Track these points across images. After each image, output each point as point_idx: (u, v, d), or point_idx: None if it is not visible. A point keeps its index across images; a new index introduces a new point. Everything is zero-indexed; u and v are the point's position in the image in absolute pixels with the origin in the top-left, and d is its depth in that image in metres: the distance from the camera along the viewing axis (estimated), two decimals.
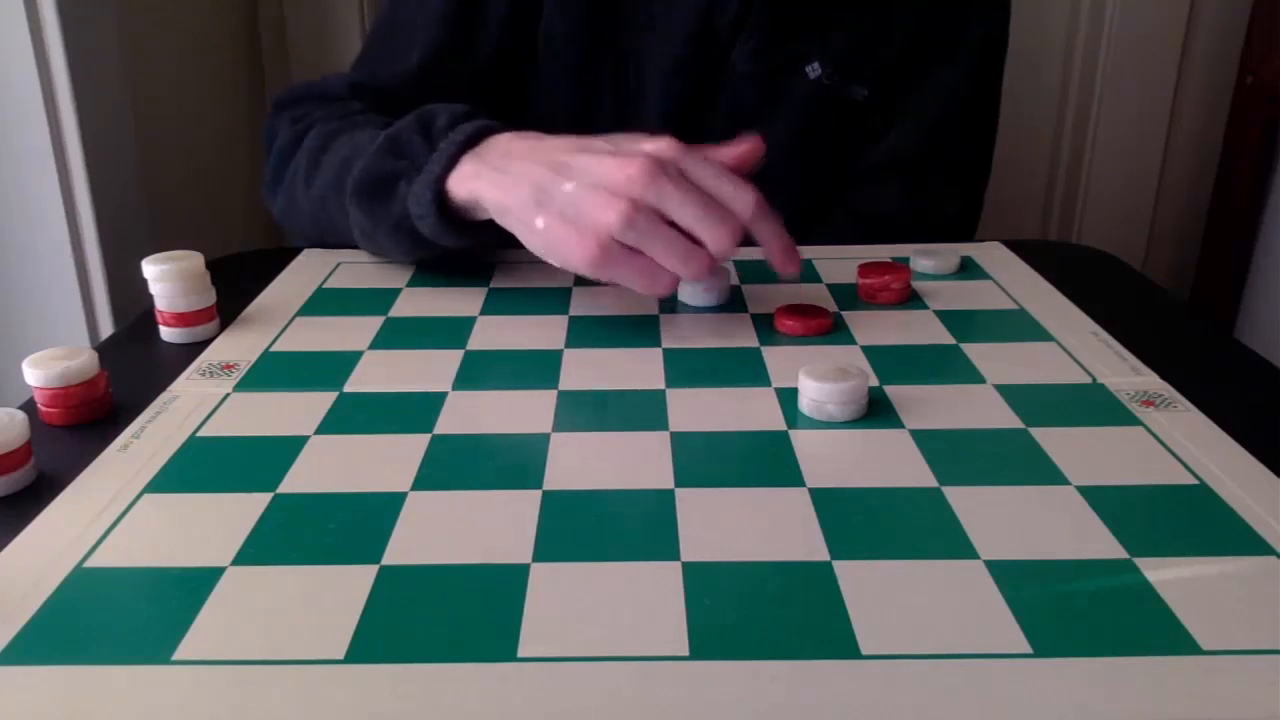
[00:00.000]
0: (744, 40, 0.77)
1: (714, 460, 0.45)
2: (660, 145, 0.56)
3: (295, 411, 0.50)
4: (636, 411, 0.49)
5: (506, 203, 0.57)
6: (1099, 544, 0.39)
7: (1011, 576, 0.36)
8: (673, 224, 0.54)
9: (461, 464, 0.45)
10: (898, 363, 0.55)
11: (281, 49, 1.22)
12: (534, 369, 0.54)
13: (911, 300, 0.64)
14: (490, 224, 0.60)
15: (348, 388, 0.52)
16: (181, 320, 0.59)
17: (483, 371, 0.54)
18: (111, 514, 0.41)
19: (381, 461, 0.45)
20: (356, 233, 0.67)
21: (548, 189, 0.56)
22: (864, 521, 0.40)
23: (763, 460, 0.45)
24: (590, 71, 0.80)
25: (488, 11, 0.78)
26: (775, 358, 0.56)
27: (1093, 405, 0.50)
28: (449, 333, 0.59)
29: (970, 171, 0.86)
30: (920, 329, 0.60)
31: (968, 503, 0.41)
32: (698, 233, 0.55)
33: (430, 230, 0.61)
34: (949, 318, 0.61)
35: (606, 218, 0.54)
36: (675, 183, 0.54)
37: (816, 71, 0.75)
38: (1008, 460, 0.45)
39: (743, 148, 0.58)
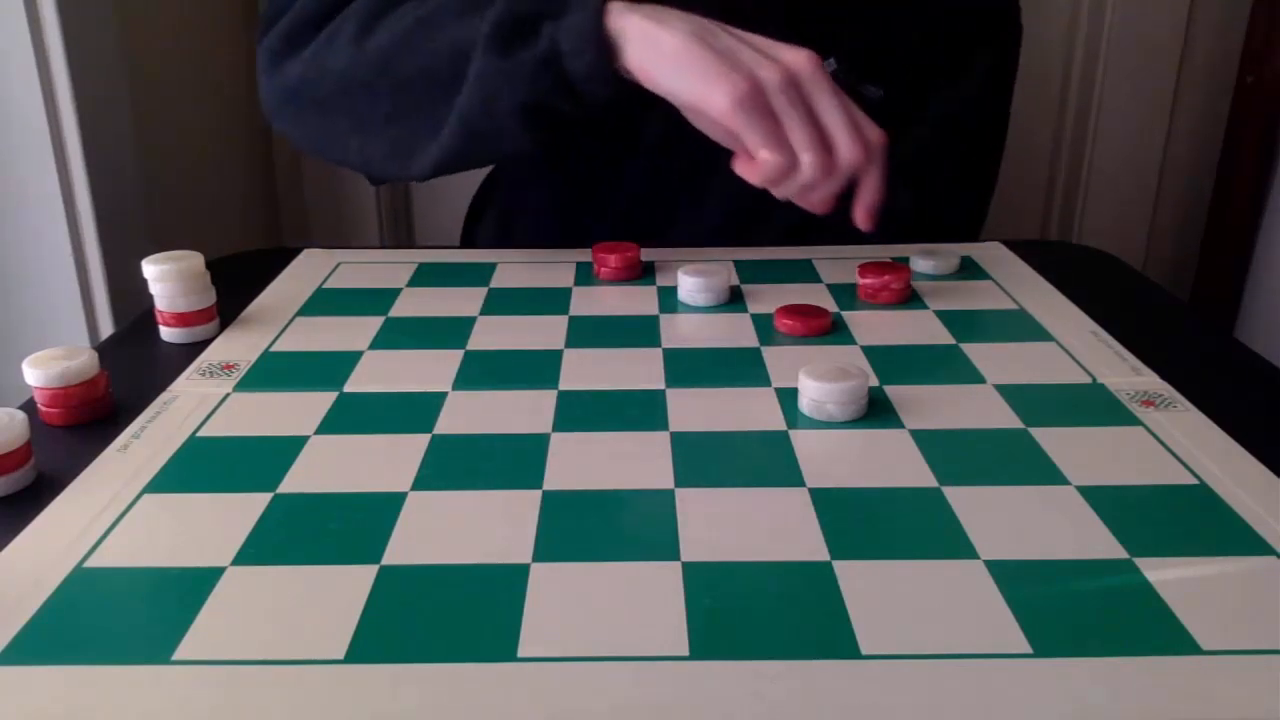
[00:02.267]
0: (761, 30, 0.77)
1: (714, 460, 0.45)
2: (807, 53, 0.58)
3: (295, 411, 0.50)
4: (636, 411, 0.49)
5: (664, 34, 0.58)
6: (1099, 544, 0.38)
7: (1011, 576, 0.36)
8: None
9: (461, 464, 0.45)
10: (898, 363, 0.55)
11: None
12: (534, 369, 0.54)
13: (911, 300, 0.64)
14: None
15: (348, 388, 0.52)
16: (181, 320, 0.59)
17: (483, 371, 0.54)
18: (111, 514, 0.41)
19: (381, 461, 0.45)
20: (471, 92, 0.62)
21: (712, 31, 0.58)
22: (864, 521, 0.40)
23: (763, 460, 0.45)
24: None
25: None
26: (775, 358, 0.56)
27: (1093, 405, 0.50)
28: (449, 333, 0.59)
29: (976, 183, 0.86)
30: (920, 329, 0.60)
31: (968, 503, 0.41)
32: (836, 136, 0.58)
33: (584, 67, 0.59)
34: (949, 318, 0.61)
35: (765, 71, 0.56)
36: (829, 82, 0.58)
37: (832, 67, 0.75)
38: (1008, 460, 0.45)
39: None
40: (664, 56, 0.58)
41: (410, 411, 0.50)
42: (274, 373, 0.55)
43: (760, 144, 0.57)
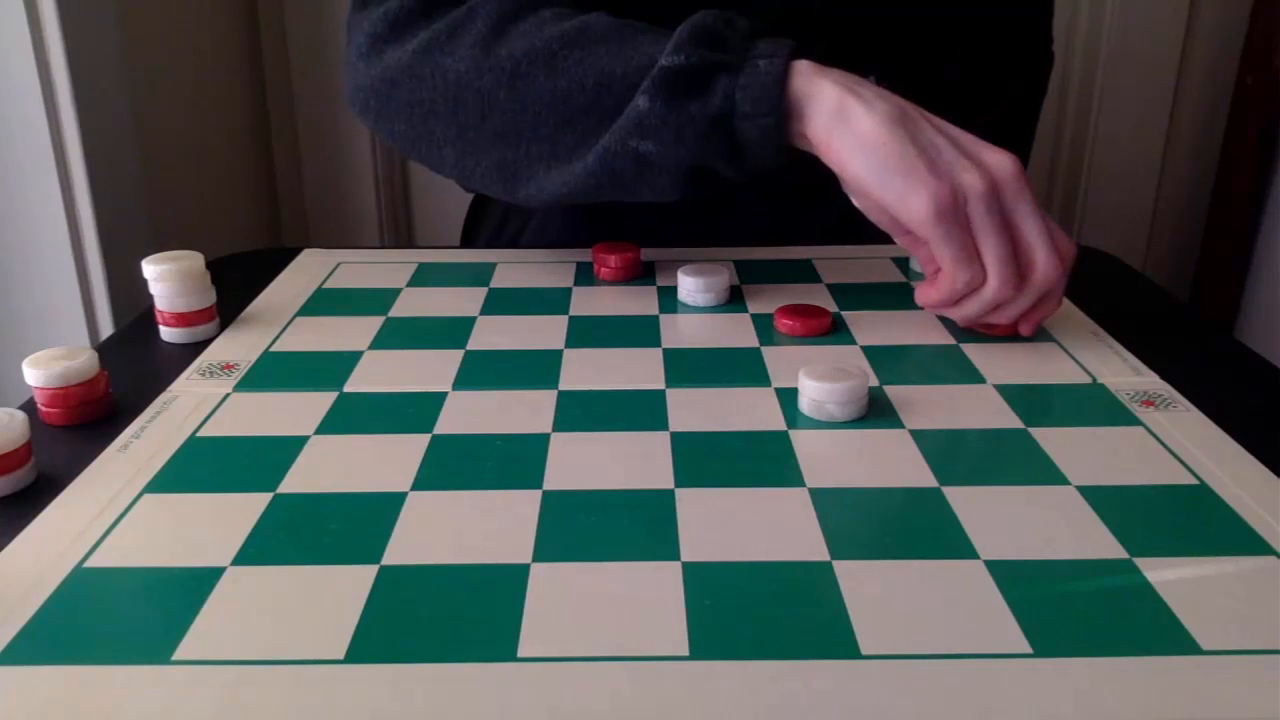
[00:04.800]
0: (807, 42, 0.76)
1: (714, 460, 0.45)
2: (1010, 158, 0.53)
3: (295, 411, 0.50)
4: (636, 411, 0.49)
5: (863, 114, 0.52)
6: (1099, 544, 0.39)
7: (1011, 576, 0.36)
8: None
9: (461, 464, 0.45)
10: (898, 363, 0.55)
11: (281, 49, 1.22)
12: (534, 369, 0.54)
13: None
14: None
15: (348, 388, 0.52)
16: (181, 320, 0.59)
17: (483, 371, 0.54)
18: (111, 514, 0.41)
19: (381, 461, 0.45)
20: (624, 134, 0.55)
21: (913, 119, 0.52)
22: (864, 521, 0.40)
23: (763, 460, 0.45)
24: None
25: None
26: (775, 358, 0.56)
27: (1093, 405, 0.50)
28: (449, 333, 0.59)
29: None
30: (920, 329, 0.60)
31: (968, 503, 0.41)
32: (1035, 252, 0.52)
33: (759, 132, 0.54)
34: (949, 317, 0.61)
35: (968, 176, 0.51)
36: (1030, 189, 0.52)
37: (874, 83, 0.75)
38: (1008, 460, 0.45)
39: None
40: (859, 140, 0.52)
41: (410, 411, 0.50)
42: (274, 373, 0.55)
43: (952, 259, 0.52)
